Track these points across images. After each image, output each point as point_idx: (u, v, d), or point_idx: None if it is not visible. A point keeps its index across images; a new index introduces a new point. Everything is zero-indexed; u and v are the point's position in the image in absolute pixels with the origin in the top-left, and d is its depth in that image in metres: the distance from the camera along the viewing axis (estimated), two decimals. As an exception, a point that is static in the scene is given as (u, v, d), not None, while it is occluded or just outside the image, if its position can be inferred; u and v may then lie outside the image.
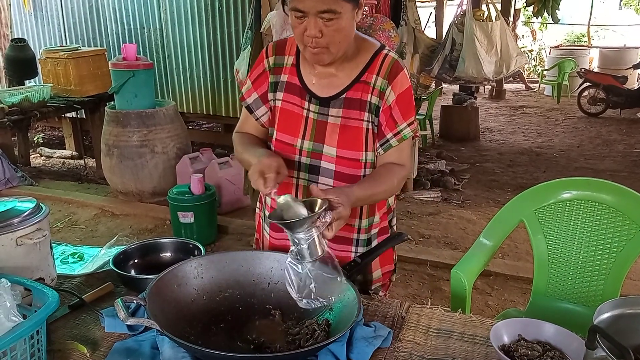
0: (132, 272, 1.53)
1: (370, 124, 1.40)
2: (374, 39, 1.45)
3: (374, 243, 1.54)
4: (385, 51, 1.41)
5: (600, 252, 1.74)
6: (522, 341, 1.15)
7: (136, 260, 1.57)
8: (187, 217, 3.72)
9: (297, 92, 1.43)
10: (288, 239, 1.51)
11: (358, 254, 1.49)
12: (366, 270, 1.54)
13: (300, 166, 1.44)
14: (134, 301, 1.19)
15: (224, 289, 1.34)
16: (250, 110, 1.49)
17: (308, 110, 1.42)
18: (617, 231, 1.71)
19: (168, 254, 1.60)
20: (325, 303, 1.17)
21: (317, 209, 1.13)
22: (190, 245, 1.59)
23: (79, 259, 3.23)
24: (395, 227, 1.62)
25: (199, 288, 1.31)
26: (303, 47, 1.33)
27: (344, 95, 1.39)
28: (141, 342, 1.19)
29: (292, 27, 1.29)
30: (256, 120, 1.50)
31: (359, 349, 1.15)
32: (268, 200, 1.56)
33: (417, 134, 1.45)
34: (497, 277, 3.36)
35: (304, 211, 1.14)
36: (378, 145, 1.42)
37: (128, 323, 1.11)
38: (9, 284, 1.07)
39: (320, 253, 1.14)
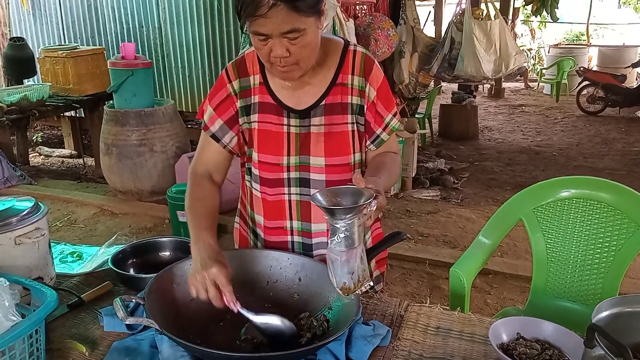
0: (131, 271, 1.53)
1: (354, 125, 1.37)
2: (335, 35, 1.42)
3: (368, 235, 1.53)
4: (352, 47, 1.38)
5: (599, 250, 1.74)
6: (520, 339, 1.15)
7: (135, 259, 1.57)
8: (186, 216, 3.71)
9: (273, 110, 1.37)
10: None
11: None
12: None
13: (290, 182, 1.40)
14: (133, 300, 1.19)
15: (223, 287, 1.33)
16: (216, 138, 1.40)
17: (288, 125, 1.37)
18: (616, 229, 1.71)
19: (167, 253, 1.60)
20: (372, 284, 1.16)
21: (363, 198, 1.07)
22: (189, 244, 1.59)
23: (77, 258, 3.23)
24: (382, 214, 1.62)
25: (198, 287, 1.31)
26: (270, 66, 1.27)
27: (323, 102, 1.36)
28: (140, 341, 1.19)
29: (256, 48, 1.23)
30: (224, 147, 1.41)
31: (358, 347, 1.15)
32: (255, 217, 1.52)
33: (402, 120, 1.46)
34: (496, 275, 3.36)
35: (348, 198, 1.09)
36: (369, 142, 1.41)
37: (127, 322, 1.11)
38: (8, 283, 1.07)
39: (357, 243, 1.09)
